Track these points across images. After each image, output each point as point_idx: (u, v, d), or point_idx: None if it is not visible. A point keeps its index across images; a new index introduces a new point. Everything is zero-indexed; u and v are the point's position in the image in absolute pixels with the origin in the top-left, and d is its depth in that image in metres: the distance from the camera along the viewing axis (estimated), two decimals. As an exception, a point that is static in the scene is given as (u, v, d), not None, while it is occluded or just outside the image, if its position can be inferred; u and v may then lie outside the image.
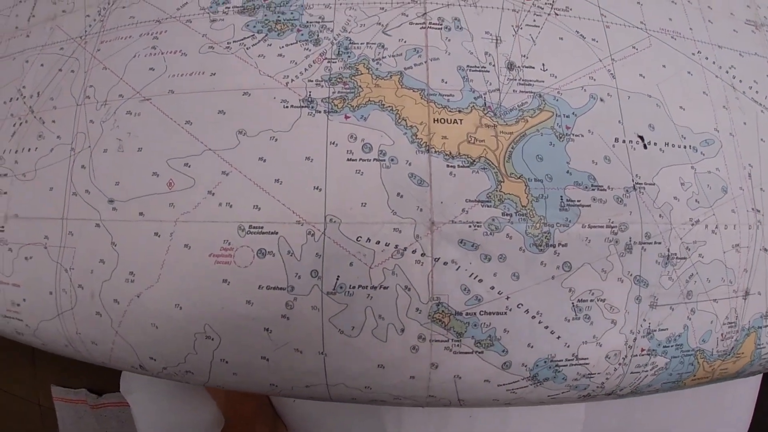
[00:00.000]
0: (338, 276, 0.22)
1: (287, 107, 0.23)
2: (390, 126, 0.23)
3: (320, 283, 0.22)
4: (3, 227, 0.27)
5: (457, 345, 0.22)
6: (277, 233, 0.22)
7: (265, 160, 0.23)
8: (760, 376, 0.39)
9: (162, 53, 0.25)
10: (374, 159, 0.22)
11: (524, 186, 0.22)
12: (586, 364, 0.23)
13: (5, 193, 0.27)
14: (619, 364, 0.24)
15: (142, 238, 0.24)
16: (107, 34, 0.27)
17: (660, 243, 0.24)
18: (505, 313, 0.22)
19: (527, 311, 0.22)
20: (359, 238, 0.22)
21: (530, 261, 0.22)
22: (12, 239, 0.27)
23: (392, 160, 0.22)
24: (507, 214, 0.22)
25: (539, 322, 0.22)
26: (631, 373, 0.24)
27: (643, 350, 0.24)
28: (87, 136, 0.26)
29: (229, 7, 0.25)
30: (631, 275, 0.23)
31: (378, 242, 0.22)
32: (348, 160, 0.22)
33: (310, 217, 0.22)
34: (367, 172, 0.22)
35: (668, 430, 0.35)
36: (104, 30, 0.27)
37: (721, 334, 0.25)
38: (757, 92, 0.28)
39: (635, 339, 0.24)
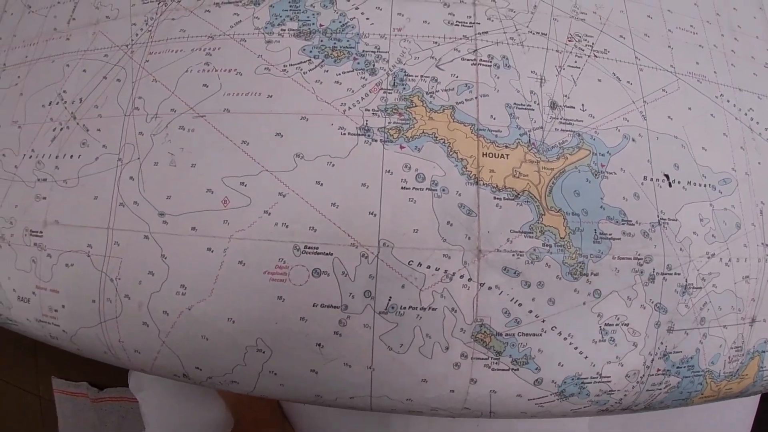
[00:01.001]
0: (390, 297, 0.26)
1: (344, 134, 0.27)
2: (442, 158, 0.27)
3: (373, 303, 0.26)
4: (42, 232, 0.30)
5: (496, 363, 0.26)
6: (332, 254, 0.26)
7: (322, 184, 0.26)
8: (755, 399, 0.45)
9: (216, 70, 0.28)
10: (427, 188, 0.26)
11: (563, 219, 0.27)
12: (609, 381, 0.28)
13: (44, 198, 0.30)
14: (637, 382, 0.28)
15: (194, 253, 0.27)
16: (156, 46, 0.30)
17: (679, 274, 0.28)
18: (541, 334, 0.26)
19: (560, 333, 0.27)
20: (411, 262, 0.26)
21: (565, 288, 0.27)
22: (51, 245, 0.30)
23: (443, 190, 0.26)
24: (547, 245, 0.26)
25: (570, 344, 0.27)
26: (647, 390, 0.29)
27: (659, 370, 0.29)
28: (136, 147, 0.28)
29: (284, 30, 0.29)
30: (652, 302, 0.28)
31: (429, 267, 0.26)
32: (402, 188, 0.26)
33: (364, 241, 0.26)
34: (420, 200, 0.26)
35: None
36: (153, 41, 0.30)
37: (728, 357, 0.30)
38: (771, 134, 0.33)
39: (653, 360, 0.28)
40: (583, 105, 0.28)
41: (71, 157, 0.30)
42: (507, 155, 0.27)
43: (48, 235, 0.30)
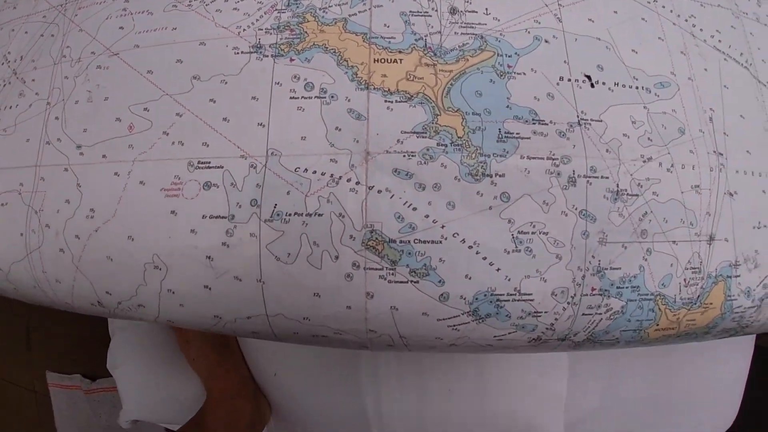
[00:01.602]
0: (276, 204, 0.25)
1: (238, 53, 0.27)
2: (332, 67, 0.26)
3: (259, 211, 0.25)
4: (-16, 180, 0.31)
5: (392, 273, 0.24)
6: (222, 167, 0.25)
7: (214, 101, 0.26)
8: (747, 363, 0.38)
9: (131, 14, 0.30)
10: (315, 96, 0.25)
11: (461, 119, 0.25)
12: (531, 300, 0.25)
13: (-13, 148, 0.32)
14: (568, 303, 0.25)
15: (103, 178, 0.27)
16: (85, 1, 0.32)
17: (607, 178, 0.25)
18: (441, 242, 0.24)
19: (463, 241, 0.24)
20: (297, 169, 0.25)
21: (466, 190, 0.24)
22: (-9, 190, 0.31)
23: (332, 97, 0.25)
24: (442, 144, 0.24)
25: (477, 253, 0.24)
26: (583, 314, 0.25)
27: (594, 290, 0.25)
28: (62, 90, 0.30)
29: (193, -31, 0.30)
30: (576, 209, 0.25)
31: (314, 172, 0.25)
32: (291, 98, 0.26)
33: (253, 151, 0.25)
34: (308, 108, 0.25)
35: (652, 410, 0.35)
36: (83, -3, 0.32)
37: (684, 280, 0.26)
38: (719, 41, 0.30)
39: (584, 276, 0.25)
40: (486, 9, 0.27)
41: (10, 107, 0.32)
42: (401, 60, 0.26)
43: (-12, 181, 0.31)
